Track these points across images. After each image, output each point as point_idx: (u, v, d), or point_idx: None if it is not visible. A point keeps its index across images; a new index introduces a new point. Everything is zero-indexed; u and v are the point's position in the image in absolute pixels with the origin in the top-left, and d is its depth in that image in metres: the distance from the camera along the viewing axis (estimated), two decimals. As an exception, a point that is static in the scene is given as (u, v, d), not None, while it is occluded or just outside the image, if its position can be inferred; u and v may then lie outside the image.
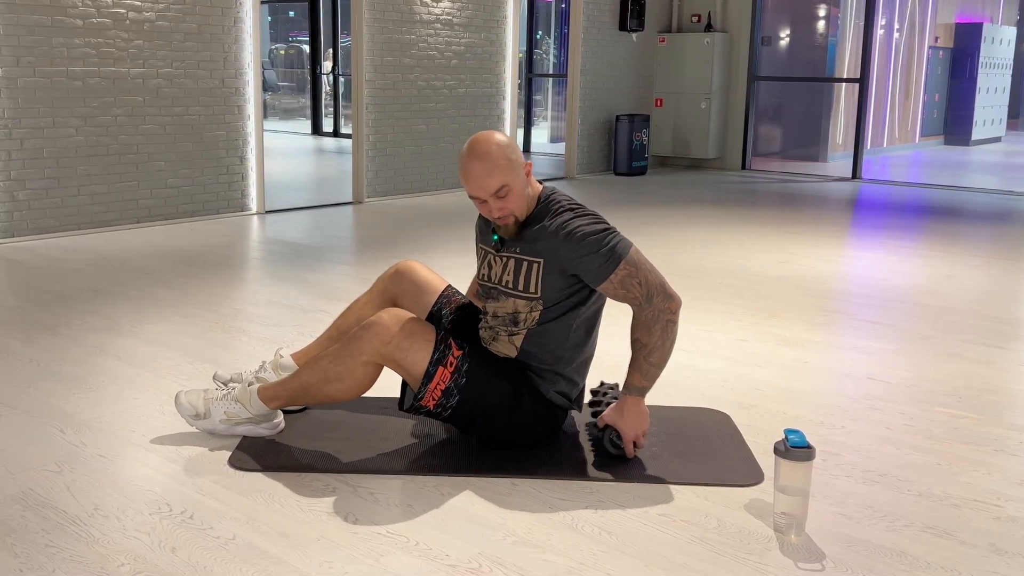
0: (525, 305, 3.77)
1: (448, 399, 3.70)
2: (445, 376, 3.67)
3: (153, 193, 8.94)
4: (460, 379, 3.69)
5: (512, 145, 3.70)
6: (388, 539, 3.14)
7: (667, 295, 3.64)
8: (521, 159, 3.71)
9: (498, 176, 3.62)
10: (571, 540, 3.16)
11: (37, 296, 6.23)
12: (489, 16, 12.08)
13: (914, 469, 3.79)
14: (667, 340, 3.65)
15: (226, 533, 3.17)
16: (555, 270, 3.70)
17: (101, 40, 8.38)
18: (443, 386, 3.68)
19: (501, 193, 3.65)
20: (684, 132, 14.68)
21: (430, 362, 3.65)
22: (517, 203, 3.70)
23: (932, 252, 8.19)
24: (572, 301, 3.76)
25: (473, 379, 3.71)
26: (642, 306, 3.64)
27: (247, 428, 3.92)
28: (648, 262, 3.69)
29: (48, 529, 3.17)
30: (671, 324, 3.65)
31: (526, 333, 3.79)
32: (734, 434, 4.08)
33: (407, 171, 11.35)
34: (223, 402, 3.92)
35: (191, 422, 3.93)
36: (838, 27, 17.42)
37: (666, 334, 3.64)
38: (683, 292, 6.60)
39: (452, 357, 3.69)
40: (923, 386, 4.78)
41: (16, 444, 3.88)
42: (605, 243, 3.64)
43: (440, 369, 3.66)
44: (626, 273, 3.62)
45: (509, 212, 3.70)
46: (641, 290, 3.63)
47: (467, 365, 3.71)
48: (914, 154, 19.46)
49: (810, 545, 3.15)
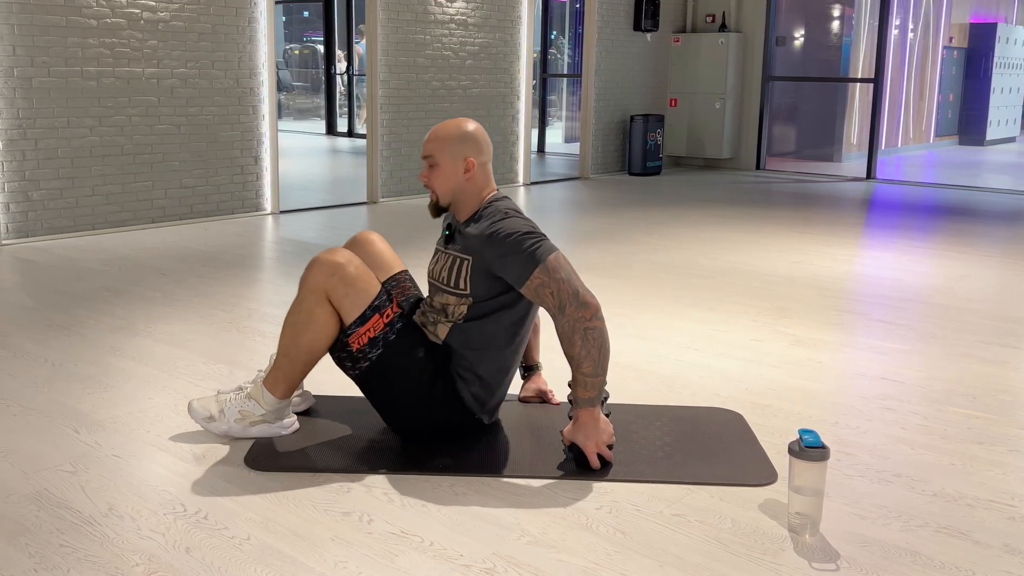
0: (455, 300, 3.85)
1: (372, 349, 3.75)
2: (379, 325, 3.74)
3: (167, 193, 8.96)
4: (390, 334, 3.76)
5: (474, 138, 3.88)
6: (403, 539, 3.14)
7: (580, 303, 3.62)
8: (470, 153, 3.87)
9: (434, 145, 3.88)
10: (586, 540, 3.16)
11: (52, 296, 6.24)
12: (504, 16, 12.08)
13: (928, 469, 3.78)
14: (592, 348, 3.63)
15: (241, 533, 3.17)
16: (481, 269, 3.78)
17: (115, 40, 8.39)
18: (372, 334, 3.74)
19: (429, 162, 3.89)
20: (698, 132, 14.66)
21: (368, 306, 3.73)
22: (439, 182, 3.89)
23: (946, 252, 8.17)
24: (499, 302, 3.82)
25: (401, 339, 3.77)
26: (556, 317, 3.65)
27: (261, 428, 3.93)
28: (565, 270, 3.68)
29: (63, 529, 3.18)
30: (590, 331, 3.62)
31: (451, 326, 3.85)
32: (748, 434, 4.07)
33: (421, 171, 11.31)
34: (237, 401, 3.93)
35: (205, 425, 3.94)
36: (852, 27, 17.39)
37: (588, 342, 3.62)
38: (697, 292, 6.60)
39: (390, 310, 3.78)
40: (937, 386, 4.77)
41: (31, 444, 3.89)
42: (525, 247, 3.68)
43: (376, 316, 3.74)
44: (540, 282, 3.65)
45: (431, 186, 3.91)
46: (553, 300, 3.64)
47: (400, 324, 3.79)
48: (928, 154, 19.41)
49: (824, 545, 3.15)
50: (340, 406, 4.31)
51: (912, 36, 19.25)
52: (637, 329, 5.65)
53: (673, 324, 5.83)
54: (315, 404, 4.32)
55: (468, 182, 3.87)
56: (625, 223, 9.49)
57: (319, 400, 4.38)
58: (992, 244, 8.60)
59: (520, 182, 12.63)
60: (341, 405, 4.32)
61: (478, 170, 3.88)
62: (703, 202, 11.15)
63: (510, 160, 12.47)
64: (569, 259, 5.11)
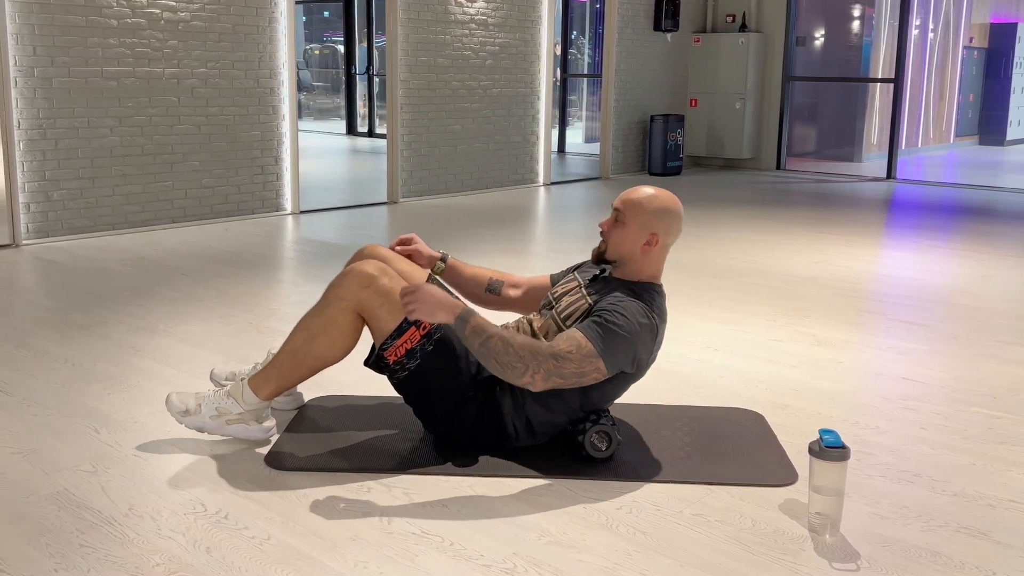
0: (554, 333, 3.79)
1: (410, 360, 3.70)
2: (415, 336, 3.68)
3: (188, 193, 8.98)
4: (428, 345, 3.69)
5: (665, 218, 3.79)
6: (423, 539, 3.14)
7: (558, 370, 3.48)
8: (656, 231, 3.77)
9: (629, 210, 3.78)
10: (606, 540, 3.16)
11: (72, 296, 6.26)
12: (524, 16, 12.08)
13: (949, 469, 3.77)
14: (491, 360, 3.48)
15: (261, 533, 3.17)
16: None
17: (136, 40, 8.41)
18: (409, 346, 3.68)
19: (618, 218, 3.81)
20: (719, 132, 14.64)
21: (405, 318, 3.66)
22: (616, 241, 3.81)
23: (967, 252, 8.15)
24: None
25: (439, 351, 3.70)
26: (538, 342, 3.51)
27: (238, 428, 3.85)
28: (592, 367, 3.53)
29: (83, 529, 3.19)
30: (511, 371, 3.47)
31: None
32: (768, 434, 4.07)
33: (442, 171, 11.35)
34: (216, 398, 3.86)
35: (180, 419, 3.84)
36: (873, 27, 17.36)
37: (501, 364, 3.47)
38: (717, 292, 6.58)
39: (428, 323, 3.69)
40: (958, 386, 4.76)
41: (51, 444, 3.90)
42: (609, 321, 3.58)
43: (412, 328, 3.67)
44: (577, 337, 3.54)
45: (607, 238, 3.83)
46: (559, 346, 3.51)
47: (439, 335, 3.71)
48: (949, 154, 19.36)
49: (844, 545, 3.14)
50: (360, 405, 4.31)
51: (932, 36, 19.20)
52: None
53: (693, 324, 5.82)
54: (330, 403, 4.33)
55: (644, 255, 3.81)
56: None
57: (340, 399, 4.38)
58: (1013, 244, 8.57)
59: (540, 182, 12.62)
60: (361, 404, 4.33)
61: (658, 250, 3.81)
62: (723, 202, 11.13)
63: (530, 160, 12.47)
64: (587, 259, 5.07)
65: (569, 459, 3.76)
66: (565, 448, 3.84)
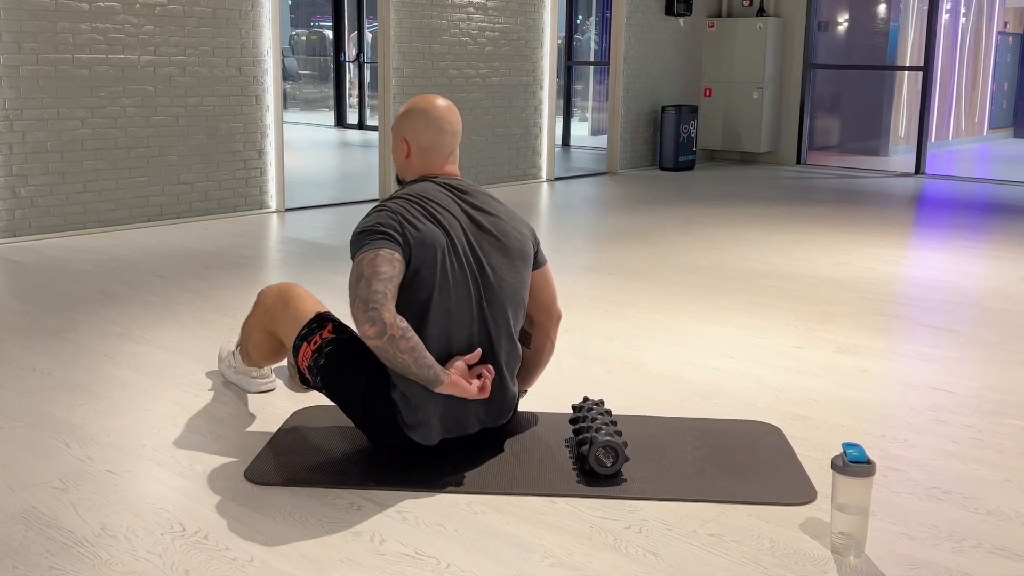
0: None
1: (314, 376, 3.88)
2: (307, 353, 3.88)
3: (165, 190, 8.98)
4: (319, 359, 3.84)
5: (407, 119, 3.90)
6: (417, 561, 3.15)
7: (362, 318, 3.48)
8: (405, 135, 3.89)
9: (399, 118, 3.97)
10: (613, 562, 3.16)
11: (41, 300, 6.26)
12: (525, 0, 12.09)
13: (982, 486, 3.77)
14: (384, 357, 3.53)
15: (243, 554, 3.17)
16: None
17: (109, 25, 8.42)
18: (306, 363, 3.89)
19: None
20: (735, 124, 14.65)
21: (297, 336, 3.92)
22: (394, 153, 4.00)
23: (1001, 253, 8.15)
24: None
25: (332, 362, 3.83)
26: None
27: (239, 379, 4.66)
28: (368, 274, 3.53)
29: (52, 550, 3.19)
30: (376, 348, 3.52)
31: None
32: (785, 448, 4.07)
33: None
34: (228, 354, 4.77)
35: (219, 364, 4.85)
36: (900, 11, 17.37)
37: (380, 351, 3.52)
38: (734, 295, 6.59)
39: (319, 337, 3.88)
40: (991, 396, 4.76)
41: (19, 459, 3.90)
42: (354, 241, 3.70)
43: (304, 345, 3.89)
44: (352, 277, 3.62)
45: None
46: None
47: (329, 348, 3.84)
48: (982, 147, 19.37)
49: (870, 567, 3.14)
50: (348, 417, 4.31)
51: (964, 21, 19.22)
52: (669, 335, 5.64)
53: (708, 330, 5.83)
54: (317, 415, 4.33)
55: (408, 163, 3.94)
56: (656, 222, 9.49)
57: (326, 411, 4.38)
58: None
59: (544, 177, 12.64)
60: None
61: (416, 155, 3.89)
62: (740, 199, 11.14)
63: (533, 154, 12.48)
64: (593, 260, 5.08)
65: (573, 476, 3.76)
66: (569, 464, 3.85)
